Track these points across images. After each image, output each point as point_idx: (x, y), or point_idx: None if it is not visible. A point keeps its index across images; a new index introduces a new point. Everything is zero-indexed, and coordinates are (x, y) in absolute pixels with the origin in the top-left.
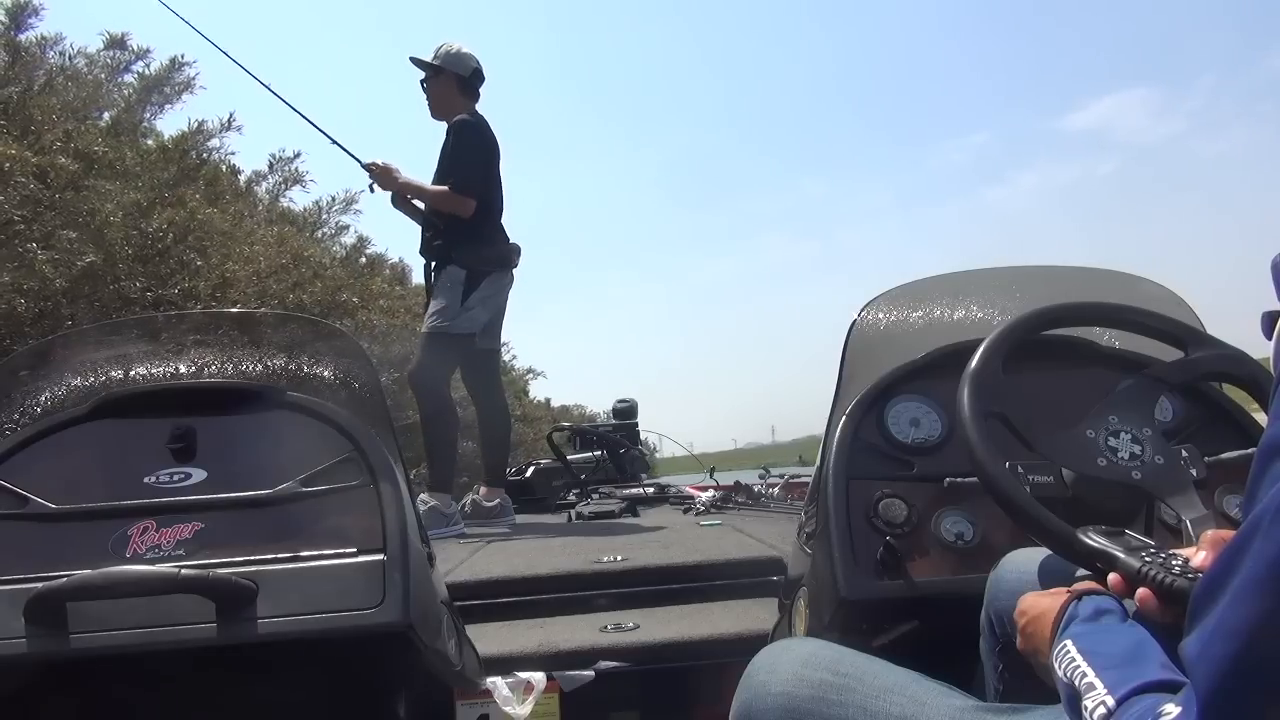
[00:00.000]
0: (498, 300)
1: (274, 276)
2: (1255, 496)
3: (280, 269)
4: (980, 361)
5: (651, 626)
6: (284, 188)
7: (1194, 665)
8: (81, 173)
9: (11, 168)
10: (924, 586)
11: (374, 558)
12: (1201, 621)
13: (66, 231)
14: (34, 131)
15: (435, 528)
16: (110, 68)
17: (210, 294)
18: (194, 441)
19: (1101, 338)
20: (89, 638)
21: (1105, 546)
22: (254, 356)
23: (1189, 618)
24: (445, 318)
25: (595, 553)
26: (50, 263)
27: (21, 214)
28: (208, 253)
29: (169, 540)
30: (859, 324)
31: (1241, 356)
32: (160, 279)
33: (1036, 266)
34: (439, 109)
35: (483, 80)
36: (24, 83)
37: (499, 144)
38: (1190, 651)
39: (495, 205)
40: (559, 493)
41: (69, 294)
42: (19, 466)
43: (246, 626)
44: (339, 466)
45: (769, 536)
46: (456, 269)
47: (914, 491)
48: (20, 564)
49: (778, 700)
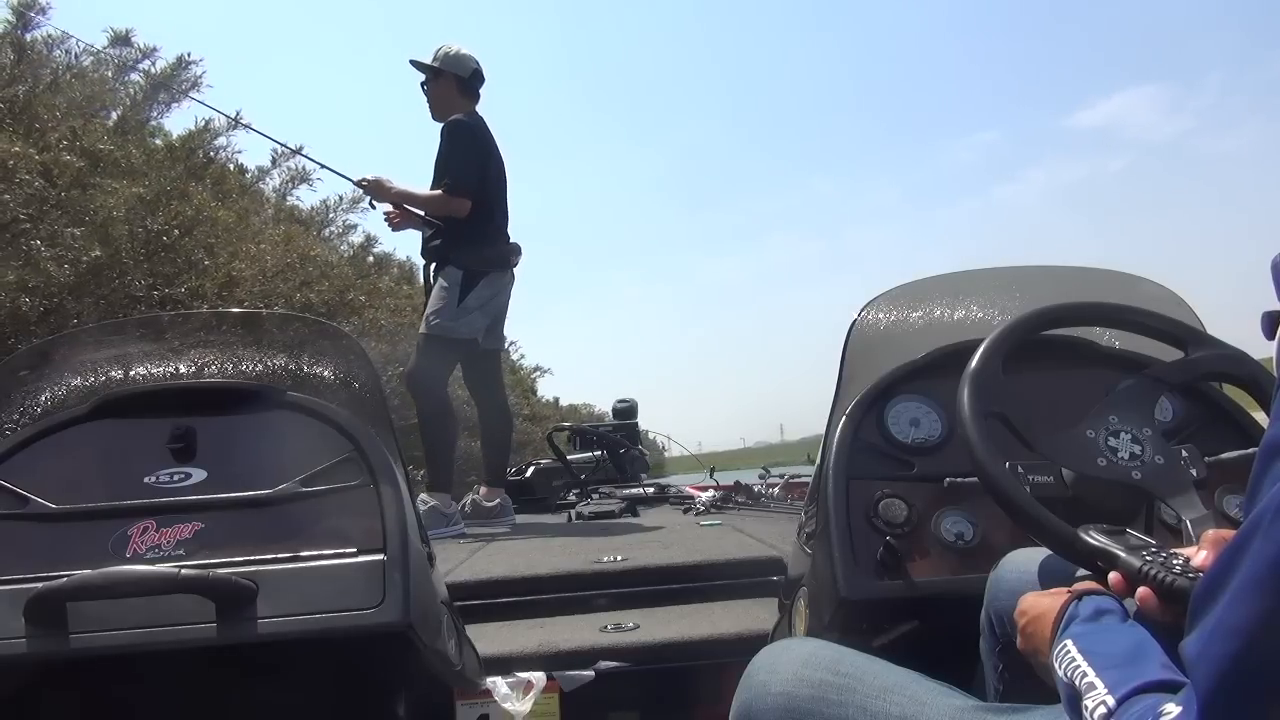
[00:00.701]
0: (498, 301)
1: (281, 275)
2: (1256, 496)
3: (287, 268)
4: (980, 361)
5: (651, 626)
6: (291, 186)
7: (1194, 665)
8: (87, 170)
9: (16, 165)
10: (924, 586)
11: (374, 558)
12: (1202, 621)
13: (71, 229)
14: (39, 129)
15: (435, 528)
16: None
17: (217, 293)
18: (194, 441)
19: (1101, 338)
20: (89, 638)
21: (1106, 545)
22: (254, 356)
23: (1189, 617)
24: (443, 318)
25: (595, 553)
26: (55, 260)
27: (27, 212)
28: (214, 250)
29: (169, 540)
30: (859, 324)
31: (1241, 356)
32: (166, 277)
33: (1036, 266)
34: (439, 110)
35: (483, 81)
36: (30, 81)
37: (496, 143)
38: (1190, 651)
39: (494, 205)
40: (559, 493)
41: (74, 291)
42: (19, 466)
43: (246, 626)
44: (339, 466)
45: (769, 536)
46: (454, 270)
47: (914, 491)
48: (20, 564)
49: (778, 700)
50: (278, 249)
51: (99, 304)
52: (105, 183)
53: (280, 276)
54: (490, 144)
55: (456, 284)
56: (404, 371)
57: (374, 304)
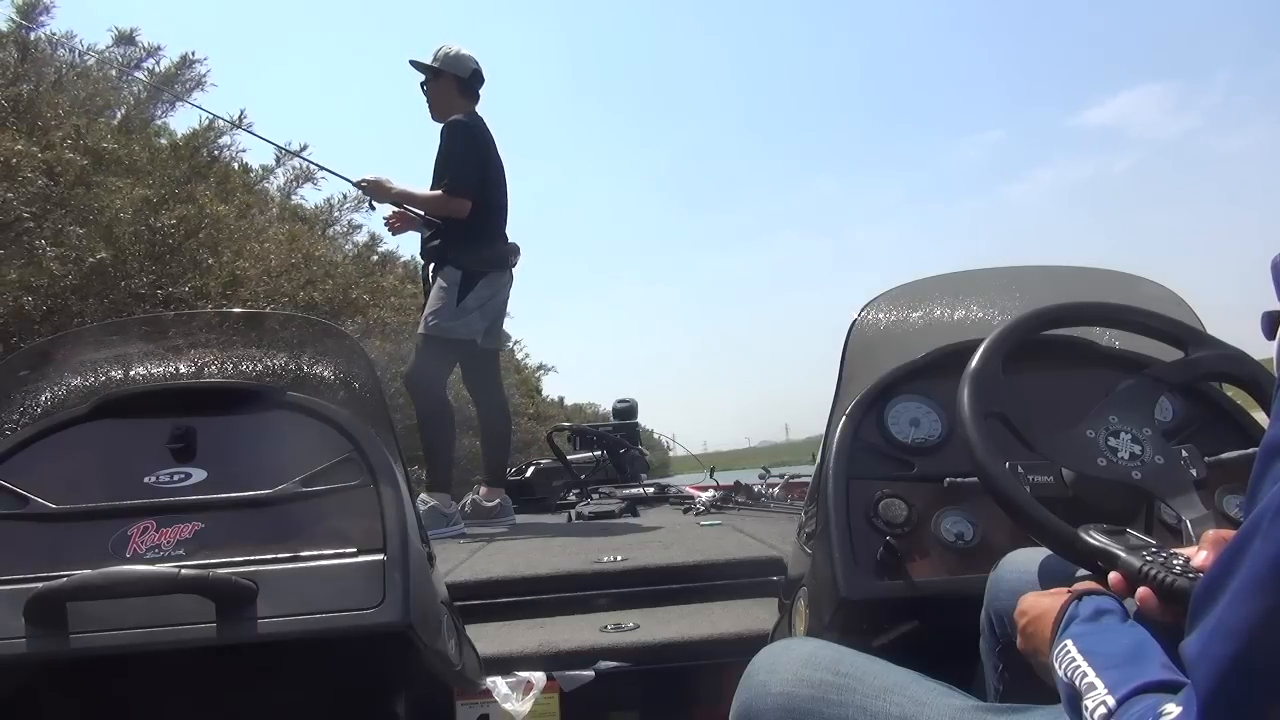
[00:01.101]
0: (496, 301)
1: (285, 275)
2: (1256, 496)
3: (291, 267)
4: (980, 361)
5: (651, 626)
6: (295, 185)
7: (1194, 665)
8: (90, 168)
9: (19, 163)
10: (924, 586)
11: (374, 558)
12: (1202, 621)
13: (75, 228)
14: (41, 128)
15: (435, 528)
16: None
17: (221, 292)
18: (194, 441)
19: (1101, 338)
20: (89, 638)
21: (1106, 545)
22: (254, 356)
23: (1190, 617)
24: (442, 319)
25: (595, 553)
26: (59, 259)
27: (30, 211)
28: (219, 250)
29: (169, 540)
30: (859, 324)
31: (1241, 356)
32: (171, 276)
33: (1036, 266)
34: (439, 111)
35: (482, 82)
36: (34, 80)
37: (495, 144)
38: (1191, 651)
39: (494, 205)
40: (559, 493)
41: (79, 291)
42: (19, 466)
43: (246, 626)
44: (339, 466)
45: (769, 536)
46: (453, 270)
47: (914, 491)
48: (20, 564)
49: (778, 700)
50: (282, 248)
51: (103, 304)
52: (109, 181)
53: (285, 276)
54: (490, 145)
55: (455, 284)
56: (403, 372)
57: (378, 303)
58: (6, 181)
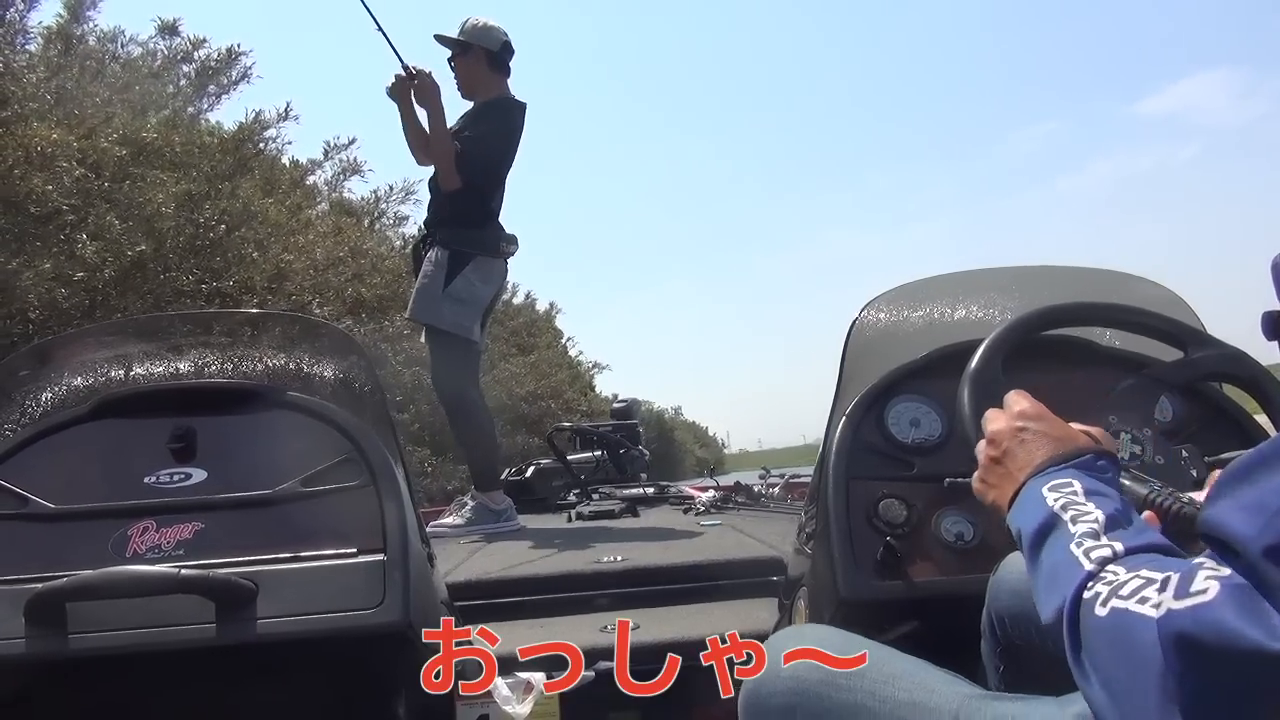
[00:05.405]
0: (482, 291)
1: (331, 268)
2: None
3: (338, 261)
4: (980, 361)
5: (651, 626)
6: (342, 178)
7: (1239, 527)
8: (130, 159)
9: (56, 153)
10: (924, 587)
11: (374, 558)
12: (1236, 494)
13: (115, 221)
14: (77, 116)
15: (486, 523)
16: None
17: (266, 286)
18: (194, 441)
19: (1101, 338)
20: (89, 638)
21: None
22: (254, 356)
23: (1214, 490)
24: (427, 299)
25: (595, 553)
26: (99, 252)
27: (70, 203)
28: (264, 244)
29: (169, 540)
30: (859, 324)
31: (1241, 356)
32: (214, 271)
33: (1036, 266)
34: (468, 87)
35: (513, 54)
36: (76, 71)
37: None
38: (1228, 519)
39: (489, 191)
40: (559, 493)
41: (119, 285)
42: (19, 466)
43: (246, 626)
44: (339, 466)
45: (769, 536)
46: (441, 250)
47: (914, 492)
48: (20, 564)
49: (787, 683)
50: (327, 241)
51: (144, 298)
52: (150, 174)
53: (331, 269)
54: (519, 137)
55: (443, 266)
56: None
57: None
58: (44, 172)
